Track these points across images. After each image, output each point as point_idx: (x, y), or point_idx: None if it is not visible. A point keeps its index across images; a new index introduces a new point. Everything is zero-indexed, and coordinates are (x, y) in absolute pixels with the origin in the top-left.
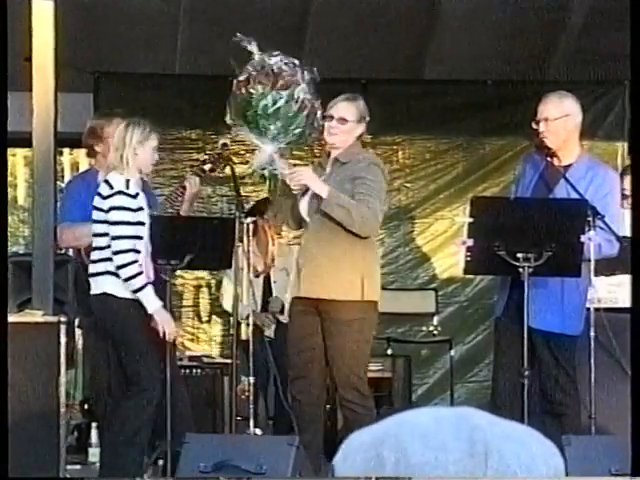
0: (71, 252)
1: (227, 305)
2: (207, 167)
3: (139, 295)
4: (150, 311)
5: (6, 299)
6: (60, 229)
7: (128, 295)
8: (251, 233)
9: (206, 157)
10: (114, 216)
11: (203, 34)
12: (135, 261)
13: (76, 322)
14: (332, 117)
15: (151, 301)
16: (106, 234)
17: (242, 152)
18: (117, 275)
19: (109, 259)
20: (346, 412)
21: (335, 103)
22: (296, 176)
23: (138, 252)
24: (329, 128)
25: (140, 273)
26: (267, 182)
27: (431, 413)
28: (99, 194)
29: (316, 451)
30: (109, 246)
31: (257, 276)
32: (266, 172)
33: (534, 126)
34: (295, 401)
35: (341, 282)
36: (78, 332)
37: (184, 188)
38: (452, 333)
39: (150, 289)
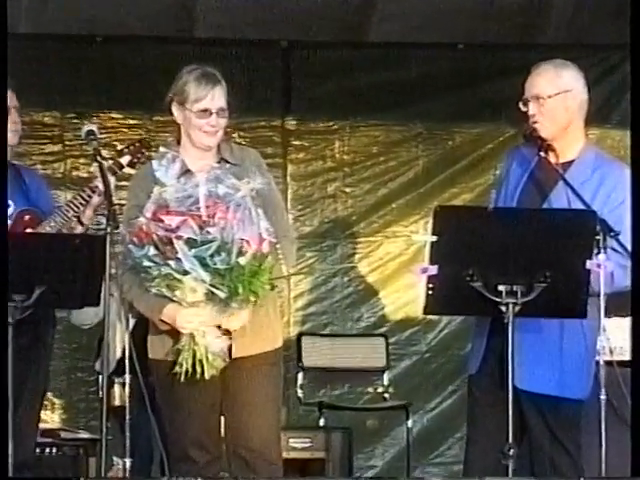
0: None
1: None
2: (125, 161)
3: None
4: None
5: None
6: None
7: None
8: None
9: (123, 146)
10: None
11: None
12: None
13: None
14: (208, 111)
15: None
16: None
17: (114, 142)
18: None
19: None
20: None
21: (207, 91)
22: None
23: None
24: (206, 126)
25: None
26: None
27: None
28: None
29: None
30: None
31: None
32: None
33: (522, 107)
34: None
35: (263, 332)
36: None
37: (93, 190)
38: (409, 396)
39: None
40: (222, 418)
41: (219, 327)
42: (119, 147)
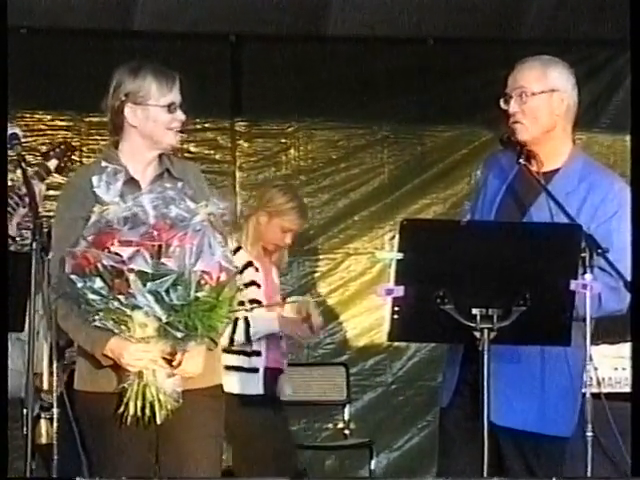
0: None
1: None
2: (52, 165)
3: None
4: None
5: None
6: None
7: None
8: None
9: (48, 149)
10: None
11: None
12: None
13: None
14: (174, 105)
15: None
16: None
17: (42, 147)
18: None
19: None
20: None
21: (170, 84)
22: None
23: None
24: (173, 122)
25: None
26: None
27: None
28: None
29: None
30: None
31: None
32: None
33: (503, 105)
34: None
35: (211, 364)
36: None
37: (20, 198)
38: (373, 433)
39: None
40: (157, 458)
41: (170, 364)
42: (44, 150)
